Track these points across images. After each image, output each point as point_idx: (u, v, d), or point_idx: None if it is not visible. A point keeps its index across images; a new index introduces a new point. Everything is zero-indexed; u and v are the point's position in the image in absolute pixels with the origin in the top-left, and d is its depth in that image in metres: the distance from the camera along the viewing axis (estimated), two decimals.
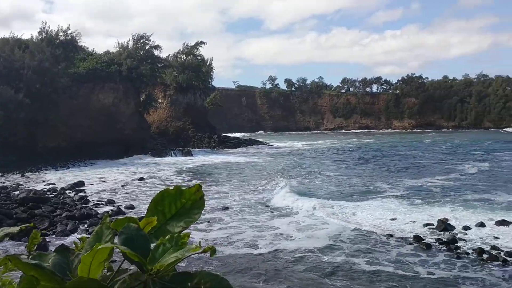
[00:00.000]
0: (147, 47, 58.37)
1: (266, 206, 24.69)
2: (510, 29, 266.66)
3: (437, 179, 33.46)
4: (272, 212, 23.27)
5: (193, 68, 72.73)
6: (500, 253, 15.90)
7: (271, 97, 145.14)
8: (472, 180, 32.99)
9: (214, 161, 50.34)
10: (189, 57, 74.43)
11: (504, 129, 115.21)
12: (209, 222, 20.85)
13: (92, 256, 1.24)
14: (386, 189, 29.35)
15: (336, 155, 55.94)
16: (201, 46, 76.23)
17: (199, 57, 75.72)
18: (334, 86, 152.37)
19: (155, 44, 59.04)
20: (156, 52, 59.72)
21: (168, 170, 41.74)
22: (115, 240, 1.34)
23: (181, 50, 75.45)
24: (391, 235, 18.51)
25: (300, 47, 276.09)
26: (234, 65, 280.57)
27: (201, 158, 53.51)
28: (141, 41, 58.03)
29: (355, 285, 13.41)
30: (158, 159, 50.76)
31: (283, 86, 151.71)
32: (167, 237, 1.35)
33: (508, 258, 15.37)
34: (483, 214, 21.53)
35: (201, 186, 1.50)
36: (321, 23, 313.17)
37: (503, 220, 20.17)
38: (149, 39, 58.27)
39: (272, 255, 16.29)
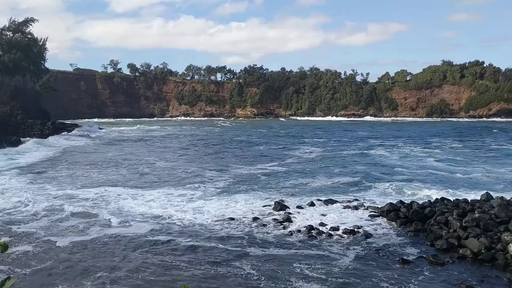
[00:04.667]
0: None
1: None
2: (338, 28, 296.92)
3: (273, 164, 35.73)
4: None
5: (22, 47, 65.10)
6: (326, 228, 17.72)
7: (114, 82, 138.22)
8: (305, 163, 36.04)
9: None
10: (17, 34, 66.40)
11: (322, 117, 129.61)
12: None
13: None
14: (218, 176, 30.31)
15: (179, 144, 55.83)
16: (31, 24, 68.64)
17: (29, 36, 68.04)
18: (180, 73, 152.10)
19: None
20: None
21: None
22: None
23: (7, 26, 66.92)
24: (233, 218, 19.24)
25: (147, 32, 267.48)
26: (74, 47, 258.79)
27: None
28: None
29: (198, 261, 13.64)
30: None
31: (126, 71, 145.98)
32: None
33: (332, 232, 17.21)
34: (314, 195, 23.71)
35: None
36: (169, 10, 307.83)
37: (330, 199, 22.52)
38: None
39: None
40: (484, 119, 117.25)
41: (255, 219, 19.07)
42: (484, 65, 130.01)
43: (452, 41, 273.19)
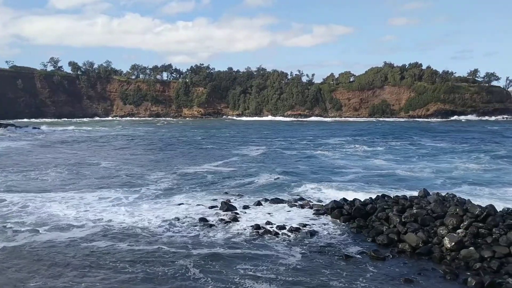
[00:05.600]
0: None
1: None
2: (285, 30, 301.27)
3: (218, 164, 35.64)
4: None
5: None
6: (272, 227, 17.88)
7: (54, 80, 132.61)
8: (251, 163, 36.20)
9: None
10: None
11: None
12: None
13: None
14: (163, 177, 29.87)
15: (123, 144, 54.43)
16: None
17: None
18: (124, 72, 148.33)
19: None
20: None
21: None
22: None
23: None
24: (178, 218, 19.01)
25: (90, 30, 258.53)
26: (11, 43, 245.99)
27: None
28: None
29: (142, 265, 13.34)
30: None
31: (67, 69, 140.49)
32: None
33: (278, 231, 17.40)
34: (259, 195, 23.86)
35: None
36: (114, 7, 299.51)
37: (276, 198, 22.77)
38: None
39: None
40: (423, 119, 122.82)
41: (201, 219, 18.91)
42: (422, 67, 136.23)
43: (392, 44, 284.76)
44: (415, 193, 21.19)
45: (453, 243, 14.66)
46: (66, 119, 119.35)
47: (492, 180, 28.18)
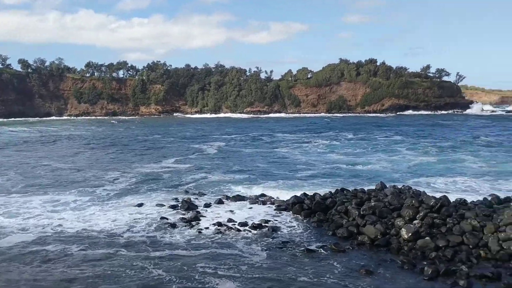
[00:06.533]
0: None
1: None
2: (242, 27, 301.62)
3: (177, 162, 35.27)
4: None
5: None
6: (234, 224, 17.86)
7: (3, 78, 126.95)
8: (209, 160, 36.04)
9: None
10: None
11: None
12: None
13: None
14: (120, 176, 29.24)
15: (78, 144, 52.84)
16: None
17: None
18: (79, 70, 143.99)
19: None
20: None
21: None
22: None
23: None
24: (137, 219, 18.65)
25: (41, 26, 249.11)
26: None
27: None
28: None
29: (100, 268, 12.99)
30: None
31: (17, 67, 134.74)
32: None
33: (240, 228, 17.40)
34: (220, 193, 23.78)
35: None
36: (67, 3, 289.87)
37: (238, 195, 22.75)
38: None
39: None
40: (379, 114, 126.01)
41: (162, 219, 18.64)
42: (377, 63, 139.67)
43: (348, 41, 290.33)
44: (373, 186, 21.71)
45: (409, 234, 15.12)
46: (15, 118, 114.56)
47: (444, 171, 29.26)
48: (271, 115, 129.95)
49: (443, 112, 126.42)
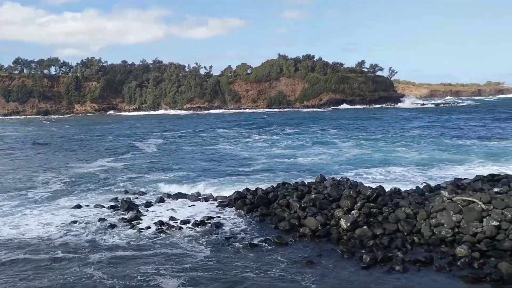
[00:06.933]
0: None
1: None
2: (180, 22, 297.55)
3: (115, 161, 34.25)
4: None
5: None
6: (176, 222, 17.64)
7: None
8: (148, 158, 35.32)
9: None
10: None
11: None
12: None
13: None
14: (53, 177, 27.99)
15: (6, 146, 49.89)
16: None
17: None
18: (6, 67, 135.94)
19: None
20: None
21: None
22: None
23: None
24: (75, 222, 17.91)
25: None
26: None
27: None
28: None
29: (36, 276, 12.36)
30: None
31: None
32: None
33: (183, 226, 17.21)
34: (160, 191, 23.36)
35: None
36: None
37: (179, 193, 22.46)
38: None
39: None
40: (317, 109, 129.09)
41: (101, 220, 18.03)
42: (315, 59, 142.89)
43: (286, 37, 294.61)
44: (313, 179, 22.21)
45: (348, 224, 15.65)
46: None
47: (378, 162, 30.51)
48: (212, 111, 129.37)
49: (377, 106, 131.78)
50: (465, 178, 20.58)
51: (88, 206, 20.46)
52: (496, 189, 16.72)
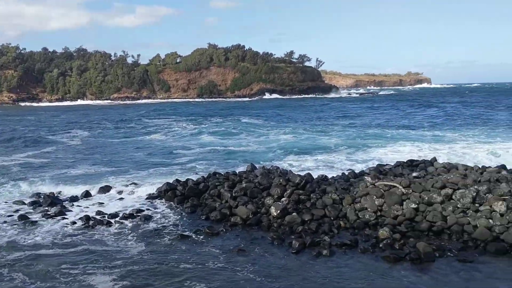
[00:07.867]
0: None
1: None
2: (105, 9, 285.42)
3: (34, 154, 32.43)
4: None
5: None
6: (104, 217, 17.04)
7: None
8: (70, 152, 33.73)
9: None
10: None
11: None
12: None
13: None
14: None
15: None
16: None
17: None
18: None
19: None
20: None
21: None
22: None
23: None
24: None
25: None
26: None
27: None
28: None
29: None
30: None
31: None
32: None
33: (111, 220, 16.67)
34: (84, 186, 22.36)
35: None
36: None
37: (106, 186, 21.66)
38: None
39: None
40: (248, 98, 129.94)
41: (21, 217, 16.96)
42: (245, 49, 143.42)
43: (216, 26, 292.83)
44: (244, 168, 22.39)
45: (278, 211, 15.98)
46: None
47: (306, 149, 31.38)
48: (140, 101, 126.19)
49: (306, 96, 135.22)
50: (386, 164, 21.77)
51: (6, 202, 19.19)
52: (414, 174, 17.85)
